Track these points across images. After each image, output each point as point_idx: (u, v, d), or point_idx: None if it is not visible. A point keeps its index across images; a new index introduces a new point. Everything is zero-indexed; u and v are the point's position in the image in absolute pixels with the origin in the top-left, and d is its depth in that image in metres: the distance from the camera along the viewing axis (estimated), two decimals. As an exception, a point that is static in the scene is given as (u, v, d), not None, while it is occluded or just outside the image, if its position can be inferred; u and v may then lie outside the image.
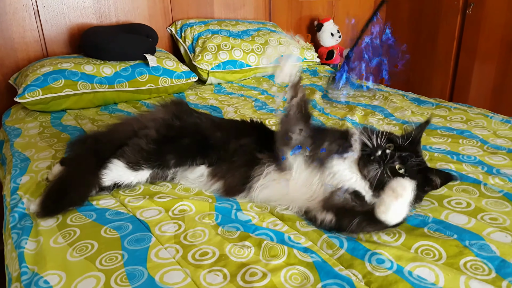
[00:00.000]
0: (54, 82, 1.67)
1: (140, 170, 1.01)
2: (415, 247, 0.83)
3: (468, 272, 0.76)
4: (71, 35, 2.06)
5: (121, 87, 1.81)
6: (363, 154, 0.91)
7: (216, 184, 1.03)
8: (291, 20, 2.80)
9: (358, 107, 1.73)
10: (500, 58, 2.54)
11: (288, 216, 0.96)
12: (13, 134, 1.48)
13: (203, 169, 1.04)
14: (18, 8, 1.90)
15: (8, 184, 1.12)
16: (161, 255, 0.81)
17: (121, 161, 1.00)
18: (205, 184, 1.04)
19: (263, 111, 1.73)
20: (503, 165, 1.18)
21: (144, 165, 1.00)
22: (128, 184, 1.03)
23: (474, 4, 2.61)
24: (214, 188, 1.03)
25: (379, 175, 0.88)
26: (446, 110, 1.69)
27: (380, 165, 0.88)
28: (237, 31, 2.32)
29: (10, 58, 1.94)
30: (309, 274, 0.76)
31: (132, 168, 1.00)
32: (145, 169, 1.01)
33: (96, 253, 0.81)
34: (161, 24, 2.31)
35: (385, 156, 0.89)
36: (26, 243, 0.85)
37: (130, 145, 1.02)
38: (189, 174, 1.05)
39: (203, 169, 1.04)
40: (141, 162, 1.00)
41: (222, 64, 2.13)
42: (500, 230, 0.87)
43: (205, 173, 1.04)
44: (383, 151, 0.89)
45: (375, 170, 0.88)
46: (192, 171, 1.05)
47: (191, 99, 1.94)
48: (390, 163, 0.89)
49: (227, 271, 0.76)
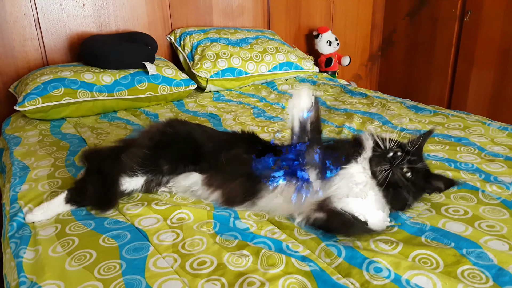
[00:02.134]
0: (54, 90, 1.68)
1: (134, 176, 1.03)
2: (413, 256, 0.83)
3: (466, 280, 0.76)
4: (71, 43, 2.07)
5: (120, 95, 1.82)
6: (375, 154, 0.97)
7: (215, 194, 1.03)
8: (289, 29, 2.82)
9: (356, 115, 1.74)
10: (498, 65, 2.56)
11: (286, 224, 0.96)
12: (13, 142, 1.49)
13: (197, 177, 1.04)
14: (19, 17, 1.92)
15: (8, 193, 1.12)
16: (159, 264, 0.81)
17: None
18: (202, 193, 1.05)
19: (262, 118, 1.74)
20: (501, 172, 1.18)
21: (138, 171, 1.03)
22: (122, 190, 1.04)
23: (471, 11, 2.63)
24: (213, 198, 1.04)
25: (389, 175, 0.93)
26: (444, 117, 1.69)
27: (391, 166, 0.94)
28: (236, 39, 2.33)
29: (10, 67, 1.95)
30: (307, 283, 0.76)
31: (127, 174, 1.03)
32: (139, 175, 1.03)
33: (94, 262, 0.81)
34: (161, 33, 2.33)
35: (395, 158, 0.95)
36: (25, 252, 0.86)
37: (126, 153, 1.05)
38: (182, 180, 1.06)
39: (196, 177, 1.05)
40: (135, 168, 1.02)
41: (221, 72, 2.15)
42: (497, 238, 0.87)
43: (199, 181, 1.04)
44: (394, 153, 0.96)
45: (386, 170, 0.93)
46: (185, 178, 1.05)
47: (190, 106, 1.95)
48: (400, 165, 0.95)
49: (225, 281, 0.76)
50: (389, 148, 0.97)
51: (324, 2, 2.92)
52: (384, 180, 0.93)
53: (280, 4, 2.72)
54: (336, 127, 1.63)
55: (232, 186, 1.00)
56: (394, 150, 0.96)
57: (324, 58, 2.78)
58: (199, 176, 1.04)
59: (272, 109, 1.88)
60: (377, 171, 0.94)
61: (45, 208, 0.98)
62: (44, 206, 0.98)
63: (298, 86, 0.93)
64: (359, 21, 3.17)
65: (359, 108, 1.87)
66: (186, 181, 1.05)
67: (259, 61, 2.27)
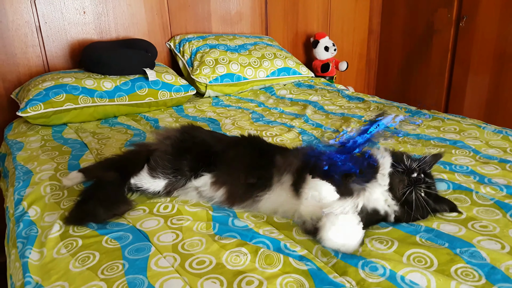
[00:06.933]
0: (56, 96, 1.70)
1: (157, 178, 1.09)
2: (407, 254, 0.85)
3: (459, 278, 0.78)
4: (72, 50, 2.10)
5: (121, 100, 1.84)
6: (397, 170, 0.98)
7: (220, 191, 1.07)
8: (287, 35, 2.86)
9: (353, 119, 1.77)
10: (493, 70, 2.59)
11: (284, 225, 0.98)
12: (15, 147, 1.51)
13: (207, 178, 1.09)
14: (21, 24, 1.95)
15: (11, 196, 1.14)
16: (161, 264, 0.83)
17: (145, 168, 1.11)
18: (209, 192, 1.08)
19: (260, 123, 1.76)
20: (495, 174, 1.21)
21: (161, 174, 1.09)
22: (146, 189, 1.10)
23: (467, 17, 2.67)
24: (218, 195, 1.07)
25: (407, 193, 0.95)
26: (440, 121, 1.72)
27: (411, 186, 0.96)
28: (235, 45, 2.37)
29: (12, 73, 1.98)
30: (304, 281, 0.78)
31: (151, 175, 1.09)
32: (161, 177, 1.09)
33: (98, 263, 0.83)
34: (160, 39, 2.36)
35: (419, 179, 0.97)
36: (30, 253, 0.88)
37: (152, 156, 1.12)
38: (194, 182, 1.10)
39: (206, 178, 1.09)
40: (158, 170, 1.09)
41: (219, 77, 2.18)
42: (490, 238, 0.90)
43: (208, 182, 1.08)
44: (418, 174, 0.98)
45: (407, 189, 0.95)
46: (197, 179, 1.10)
47: (190, 111, 1.97)
48: (419, 186, 0.97)
49: (224, 279, 0.78)
50: (413, 168, 0.99)
51: (321, 8, 2.95)
52: (401, 196, 0.96)
53: (277, 11, 2.75)
54: (334, 131, 1.65)
55: (235, 182, 1.05)
56: (417, 170, 0.99)
57: (319, 63, 2.81)
58: (209, 177, 1.09)
59: (270, 114, 1.91)
60: (399, 188, 0.96)
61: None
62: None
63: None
64: (356, 26, 3.20)
65: (356, 112, 1.90)
66: (197, 182, 1.09)
67: (257, 66, 2.30)
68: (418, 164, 1.00)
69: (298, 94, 2.24)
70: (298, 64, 2.47)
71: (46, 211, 1.04)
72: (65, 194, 1.13)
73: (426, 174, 1.00)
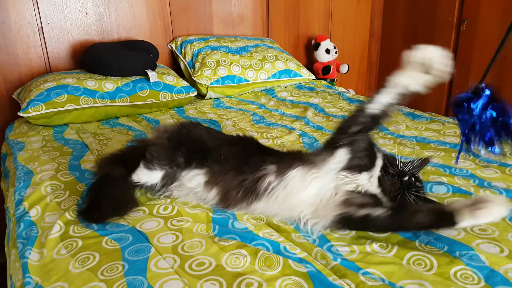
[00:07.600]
0: (57, 97, 1.71)
1: (154, 170, 1.10)
2: (407, 258, 0.85)
3: (458, 281, 0.78)
4: (74, 51, 2.11)
5: (122, 101, 1.85)
6: (388, 172, 1.00)
7: (213, 191, 1.07)
8: (288, 37, 2.87)
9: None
10: (494, 73, 2.59)
11: (284, 227, 0.99)
12: (16, 147, 1.51)
13: (200, 178, 1.09)
14: (23, 25, 1.96)
15: (12, 196, 1.15)
16: (160, 265, 0.83)
17: (141, 162, 1.12)
18: (203, 194, 1.08)
19: (261, 125, 1.77)
20: (495, 178, 1.21)
21: (157, 165, 1.10)
22: (144, 183, 1.11)
23: (468, 20, 2.67)
24: (211, 196, 1.07)
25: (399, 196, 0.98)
26: (440, 124, 1.72)
27: (402, 189, 0.98)
28: (236, 47, 2.37)
29: (14, 74, 1.98)
30: (303, 284, 0.78)
31: (147, 168, 1.10)
32: (158, 169, 1.10)
33: (98, 264, 0.84)
34: (162, 41, 2.37)
35: (410, 183, 1.00)
36: (30, 253, 0.88)
37: (148, 150, 1.14)
38: (187, 182, 1.10)
39: (200, 178, 1.09)
40: (155, 162, 1.10)
41: (221, 79, 2.18)
42: (489, 242, 0.90)
43: (202, 183, 1.09)
44: (409, 177, 1.00)
45: (399, 192, 0.98)
46: (190, 180, 1.10)
47: (191, 113, 1.98)
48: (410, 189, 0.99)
49: (223, 281, 0.79)
50: (405, 172, 1.00)
51: (323, 10, 2.96)
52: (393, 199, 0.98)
53: (279, 13, 2.76)
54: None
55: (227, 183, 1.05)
56: (408, 174, 1.00)
57: (320, 66, 2.82)
58: (202, 178, 1.09)
59: (271, 116, 1.91)
60: (390, 191, 0.99)
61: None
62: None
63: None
64: (357, 29, 3.21)
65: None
66: (190, 183, 1.10)
67: (258, 68, 2.30)
68: (409, 167, 1.01)
69: (299, 96, 2.24)
70: (299, 66, 2.47)
71: (47, 211, 1.05)
72: (66, 194, 1.13)
73: (416, 178, 1.02)
